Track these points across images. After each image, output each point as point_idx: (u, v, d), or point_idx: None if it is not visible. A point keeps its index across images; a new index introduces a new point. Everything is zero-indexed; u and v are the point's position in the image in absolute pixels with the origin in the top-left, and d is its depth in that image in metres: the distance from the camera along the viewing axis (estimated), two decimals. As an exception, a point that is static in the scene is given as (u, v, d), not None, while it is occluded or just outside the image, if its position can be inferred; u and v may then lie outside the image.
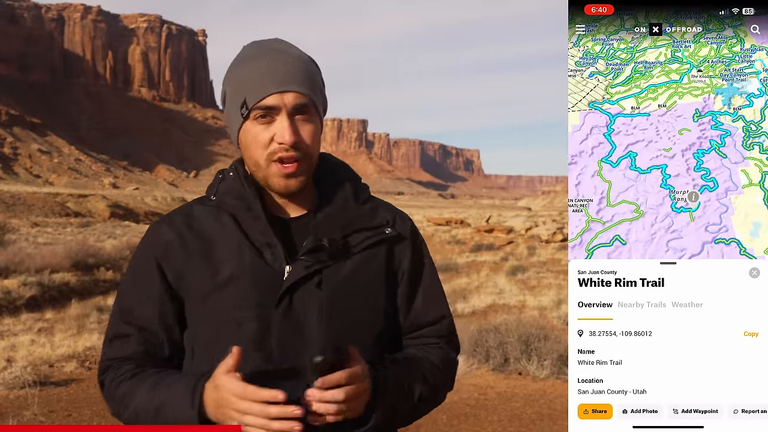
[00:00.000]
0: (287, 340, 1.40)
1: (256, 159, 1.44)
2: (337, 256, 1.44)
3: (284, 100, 1.40)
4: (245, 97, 1.41)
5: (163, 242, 1.48)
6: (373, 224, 1.50)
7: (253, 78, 1.41)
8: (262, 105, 1.40)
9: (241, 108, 1.42)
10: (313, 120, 1.44)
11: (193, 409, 1.32)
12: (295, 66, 1.43)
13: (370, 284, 1.48)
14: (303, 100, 1.41)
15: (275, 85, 1.40)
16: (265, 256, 1.43)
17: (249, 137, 1.43)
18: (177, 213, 1.53)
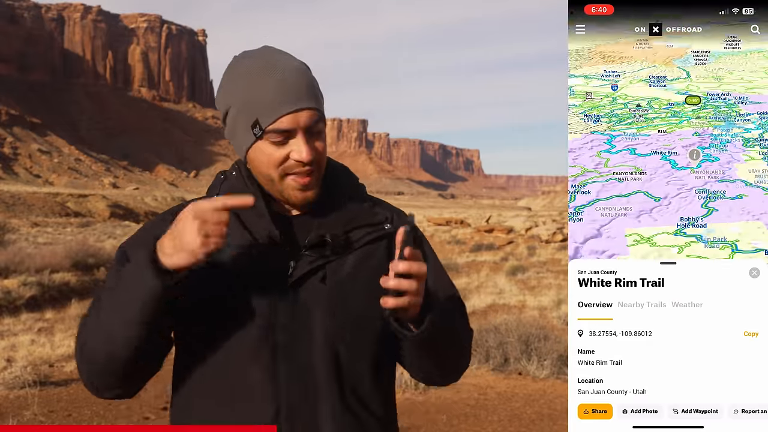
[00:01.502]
0: (292, 335, 1.41)
1: (269, 175, 1.45)
2: (340, 251, 1.46)
3: (299, 121, 1.41)
4: (257, 117, 1.41)
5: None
6: (373, 221, 1.52)
7: (264, 98, 1.41)
8: (278, 128, 1.40)
9: (254, 128, 1.42)
10: (323, 132, 1.47)
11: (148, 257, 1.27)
12: (301, 81, 1.43)
13: (373, 278, 1.48)
14: (315, 118, 1.43)
15: (288, 105, 1.40)
16: (269, 253, 1.43)
17: (263, 156, 1.44)
18: (179, 208, 1.52)
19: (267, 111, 1.41)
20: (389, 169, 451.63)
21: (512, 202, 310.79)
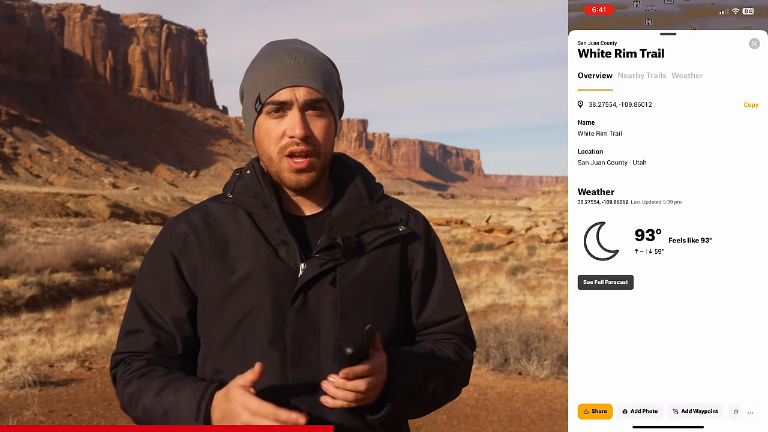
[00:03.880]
0: (301, 337, 1.41)
1: (269, 153, 1.45)
2: (351, 254, 1.45)
3: (296, 94, 1.42)
4: (259, 92, 1.44)
5: (180, 237, 1.49)
6: (386, 222, 1.51)
7: (268, 74, 1.43)
8: (275, 100, 1.42)
9: (255, 103, 1.45)
10: (325, 116, 1.46)
11: (198, 420, 1.32)
12: (309, 63, 1.44)
13: (384, 282, 1.49)
14: (315, 96, 1.43)
15: (288, 80, 1.42)
16: (280, 254, 1.44)
17: (262, 132, 1.46)
18: (193, 209, 1.55)
19: (267, 84, 1.43)
20: (389, 169, 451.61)
21: (512, 202, 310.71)
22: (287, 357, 1.40)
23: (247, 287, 1.42)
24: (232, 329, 1.42)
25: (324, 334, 1.42)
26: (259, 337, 1.40)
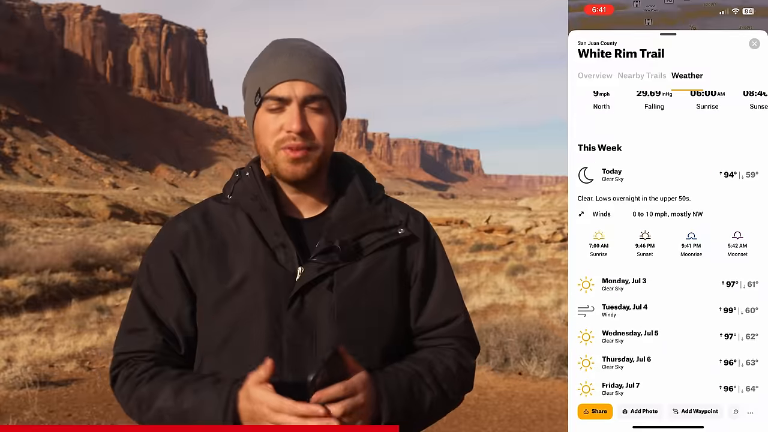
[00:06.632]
0: (298, 341, 1.40)
1: (266, 147, 1.45)
2: (349, 258, 1.43)
3: (295, 90, 1.42)
4: (259, 86, 1.44)
5: (180, 236, 1.49)
6: (385, 225, 1.49)
7: (269, 69, 1.44)
8: (274, 94, 1.42)
9: (255, 97, 1.45)
10: (324, 113, 1.45)
11: (226, 420, 1.30)
12: (310, 59, 1.44)
13: (382, 286, 1.47)
14: (315, 92, 1.43)
15: (287, 74, 1.42)
16: (278, 257, 1.43)
17: (260, 126, 1.45)
18: (193, 209, 1.55)
19: (267, 79, 1.43)
20: (389, 169, 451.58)
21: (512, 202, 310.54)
22: (283, 361, 1.38)
23: (244, 290, 1.41)
24: (229, 332, 1.41)
25: (321, 339, 1.40)
26: (256, 340, 1.39)
